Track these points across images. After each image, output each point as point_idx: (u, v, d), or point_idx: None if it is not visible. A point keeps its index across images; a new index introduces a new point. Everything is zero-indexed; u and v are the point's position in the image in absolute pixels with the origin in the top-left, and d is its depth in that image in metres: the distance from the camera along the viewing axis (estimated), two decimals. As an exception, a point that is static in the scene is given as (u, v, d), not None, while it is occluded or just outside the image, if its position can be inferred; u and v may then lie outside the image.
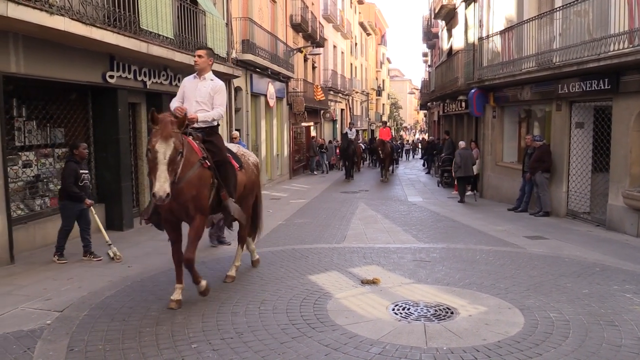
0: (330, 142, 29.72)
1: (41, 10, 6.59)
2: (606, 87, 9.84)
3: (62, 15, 6.97)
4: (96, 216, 7.37)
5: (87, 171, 7.29)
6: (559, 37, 11.30)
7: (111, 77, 9.10)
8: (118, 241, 8.60)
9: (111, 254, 7.29)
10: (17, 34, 7.02)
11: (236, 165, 6.06)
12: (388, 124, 49.24)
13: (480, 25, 16.28)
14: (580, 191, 11.35)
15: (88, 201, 7.09)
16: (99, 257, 7.29)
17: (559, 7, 11.29)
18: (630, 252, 8.09)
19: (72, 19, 7.17)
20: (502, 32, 14.12)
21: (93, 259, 7.27)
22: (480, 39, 15.81)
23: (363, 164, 30.49)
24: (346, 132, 23.27)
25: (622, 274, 6.65)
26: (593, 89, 10.24)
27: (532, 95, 12.81)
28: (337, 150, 27.62)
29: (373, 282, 6.18)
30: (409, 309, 5.28)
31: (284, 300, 5.55)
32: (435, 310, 5.24)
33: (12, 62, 7.05)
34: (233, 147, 6.60)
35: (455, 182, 15.85)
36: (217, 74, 13.04)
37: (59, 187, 8.81)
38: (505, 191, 14.37)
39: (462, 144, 15.65)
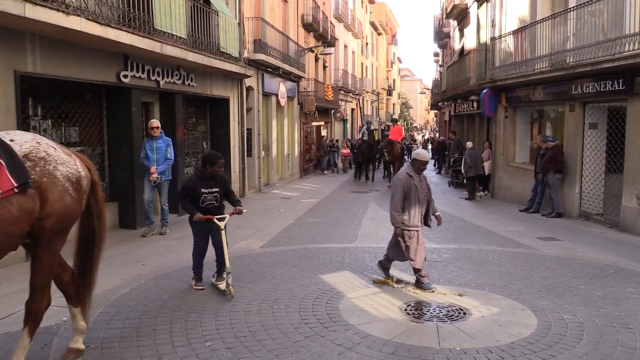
0: (337, 140, 29.45)
1: (58, 10, 6.66)
2: (621, 87, 9.76)
3: (79, 15, 7.04)
4: (224, 237, 5.89)
5: (216, 189, 5.84)
6: (572, 37, 11.23)
7: (125, 76, 9.18)
8: (131, 240, 8.72)
9: (224, 285, 5.76)
10: (33, 34, 7.11)
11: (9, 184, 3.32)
12: (399, 122, 48.55)
13: (493, 25, 16.21)
14: (594, 192, 11.26)
15: (198, 215, 5.65)
16: (220, 282, 5.93)
17: (573, 7, 11.21)
18: (645, 254, 8.02)
19: (88, 19, 7.25)
20: (514, 32, 14.04)
21: (216, 282, 6.00)
22: (493, 38, 15.74)
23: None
24: (373, 129, 22.28)
25: (636, 276, 6.61)
26: (607, 89, 10.16)
27: (545, 96, 12.73)
28: (343, 151, 27.07)
29: (385, 283, 6.19)
30: (421, 310, 5.30)
31: (296, 299, 5.58)
32: (448, 311, 5.25)
33: (28, 61, 7.14)
34: (19, 141, 3.62)
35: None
36: (230, 73, 13.25)
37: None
38: (517, 192, 14.30)
39: (469, 144, 15.93)
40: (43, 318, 4.01)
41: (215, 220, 5.74)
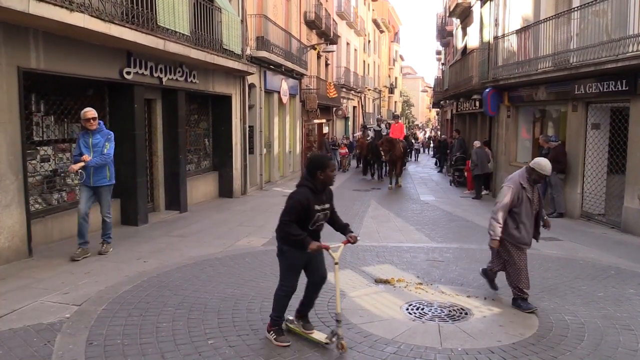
0: (347, 138, 29.33)
1: (61, 7, 6.65)
2: (624, 88, 9.75)
3: (82, 12, 7.03)
4: (337, 271, 4.40)
5: (327, 206, 4.43)
6: (576, 37, 11.21)
7: (128, 73, 9.18)
8: (133, 236, 8.74)
9: (324, 337, 4.41)
10: (37, 30, 7.11)
11: None
12: (400, 119, 47.54)
13: (496, 24, 16.18)
14: (595, 193, 11.26)
15: (314, 245, 4.19)
16: (310, 330, 4.56)
17: (577, 7, 11.19)
18: (646, 256, 8.02)
19: (92, 15, 7.23)
20: (518, 32, 14.02)
21: (305, 330, 4.55)
22: (496, 37, 15.71)
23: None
24: (380, 128, 22.18)
25: (637, 277, 6.61)
26: (610, 90, 10.15)
27: (548, 96, 12.72)
28: (342, 150, 26.81)
29: (387, 282, 6.19)
30: (423, 309, 5.30)
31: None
32: (450, 311, 5.25)
33: (32, 57, 7.14)
34: None
35: (469, 181, 16.58)
36: (232, 70, 13.24)
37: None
38: (519, 191, 14.28)
39: (477, 143, 15.90)
40: (46, 314, 3.99)
41: (331, 252, 4.32)
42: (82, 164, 6.97)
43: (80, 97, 8.93)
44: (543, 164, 5.35)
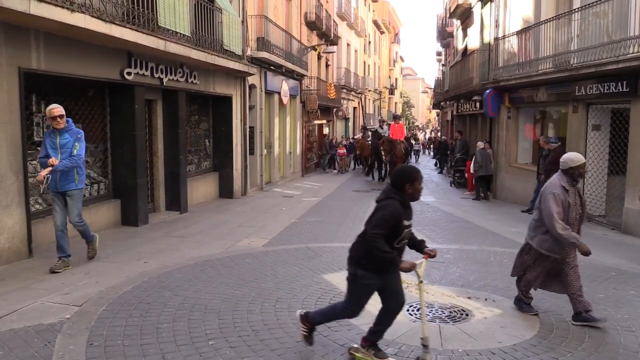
0: (349, 139, 29.21)
1: (62, 7, 6.66)
2: (624, 89, 9.75)
3: (83, 12, 7.04)
4: (422, 289, 4.09)
5: (411, 222, 4.00)
6: (576, 38, 11.21)
7: (129, 74, 9.18)
8: (133, 237, 8.74)
9: None
10: (38, 30, 7.11)
11: None
12: (401, 120, 46.82)
13: (497, 25, 16.19)
14: (596, 194, 11.26)
15: (407, 264, 3.83)
16: (384, 358, 4.13)
17: (578, 8, 11.21)
18: (647, 257, 8.02)
19: (93, 16, 7.24)
20: (518, 33, 14.03)
21: (377, 358, 4.12)
22: (496, 39, 15.73)
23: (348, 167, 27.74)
24: (376, 129, 22.23)
25: (638, 278, 6.61)
26: (611, 91, 10.16)
27: (548, 97, 12.72)
28: (340, 151, 26.60)
29: (387, 283, 6.18)
30: (423, 310, 5.29)
31: (298, 298, 5.58)
32: (450, 312, 5.25)
33: (32, 58, 7.14)
34: None
35: (469, 182, 16.62)
36: (233, 71, 13.25)
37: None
38: (519, 192, 14.30)
39: (480, 144, 15.91)
40: (46, 315, 3.98)
41: (417, 270, 3.91)
42: (50, 169, 6.21)
43: (81, 97, 8.93)
44: (575, 157, 5.02)
